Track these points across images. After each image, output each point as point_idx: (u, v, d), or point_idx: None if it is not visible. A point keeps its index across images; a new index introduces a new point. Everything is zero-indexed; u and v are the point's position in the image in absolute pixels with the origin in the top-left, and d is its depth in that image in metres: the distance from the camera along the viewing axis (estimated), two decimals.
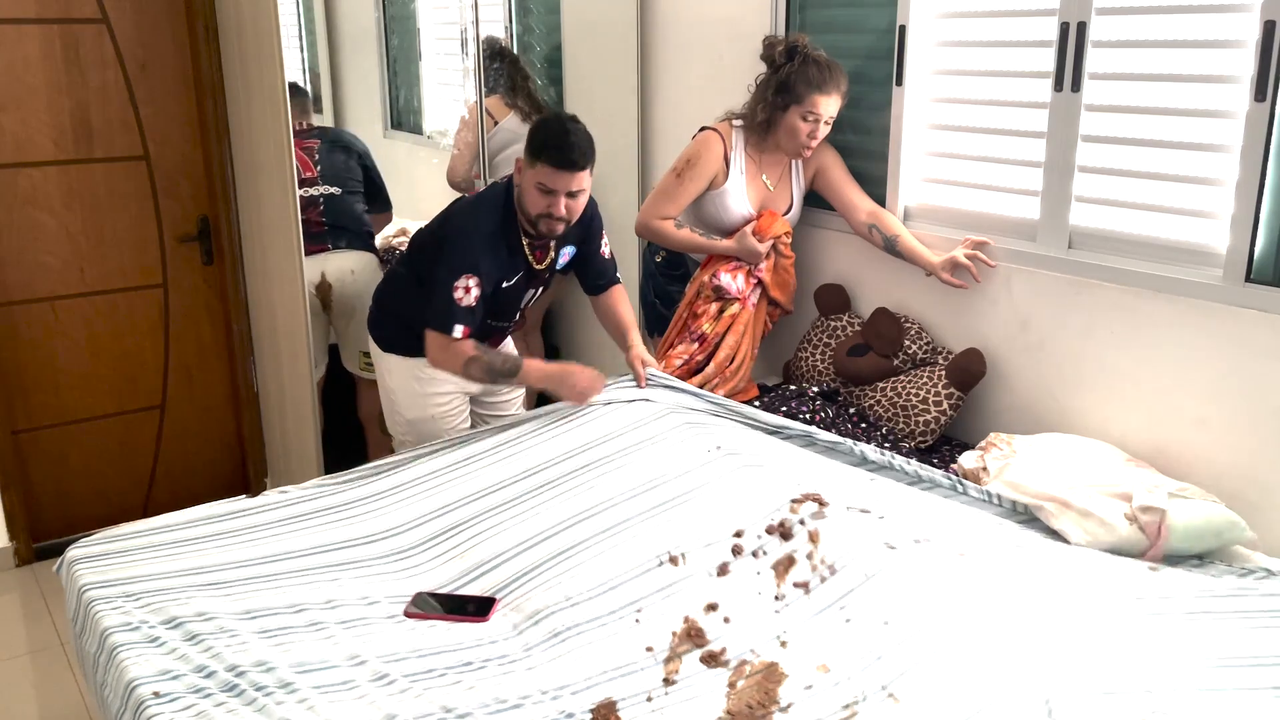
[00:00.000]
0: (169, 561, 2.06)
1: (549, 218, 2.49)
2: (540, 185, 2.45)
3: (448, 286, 2.50)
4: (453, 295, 2.50)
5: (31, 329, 3.25)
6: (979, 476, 2.34)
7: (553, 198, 2.46)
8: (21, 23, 3.06)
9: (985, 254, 2.63)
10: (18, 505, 3.30)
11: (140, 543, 2.14)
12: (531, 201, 2.49)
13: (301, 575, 2.03)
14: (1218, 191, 2.22)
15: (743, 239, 2.87)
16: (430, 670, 1.77)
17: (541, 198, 2.47)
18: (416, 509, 2.25)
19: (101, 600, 1.93)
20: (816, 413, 2.64)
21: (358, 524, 2.22)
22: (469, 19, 3.66)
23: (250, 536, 2.16)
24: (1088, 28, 2.34)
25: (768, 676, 1.73)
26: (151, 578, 2.01)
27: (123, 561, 2.07)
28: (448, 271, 2.51)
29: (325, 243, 3.41)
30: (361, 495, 2.32)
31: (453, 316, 2.50)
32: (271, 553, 2.10)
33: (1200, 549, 2.06)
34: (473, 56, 3.66)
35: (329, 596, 1.95)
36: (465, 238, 2.54)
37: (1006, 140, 2.59)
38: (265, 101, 3.01)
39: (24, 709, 2.68)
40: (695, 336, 2.90)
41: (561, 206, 2.47)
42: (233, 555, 2.09)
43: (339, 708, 1.66)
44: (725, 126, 2.93)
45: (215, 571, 2.03)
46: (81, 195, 3.24)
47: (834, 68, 2.76)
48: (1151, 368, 2.36)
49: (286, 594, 1.96)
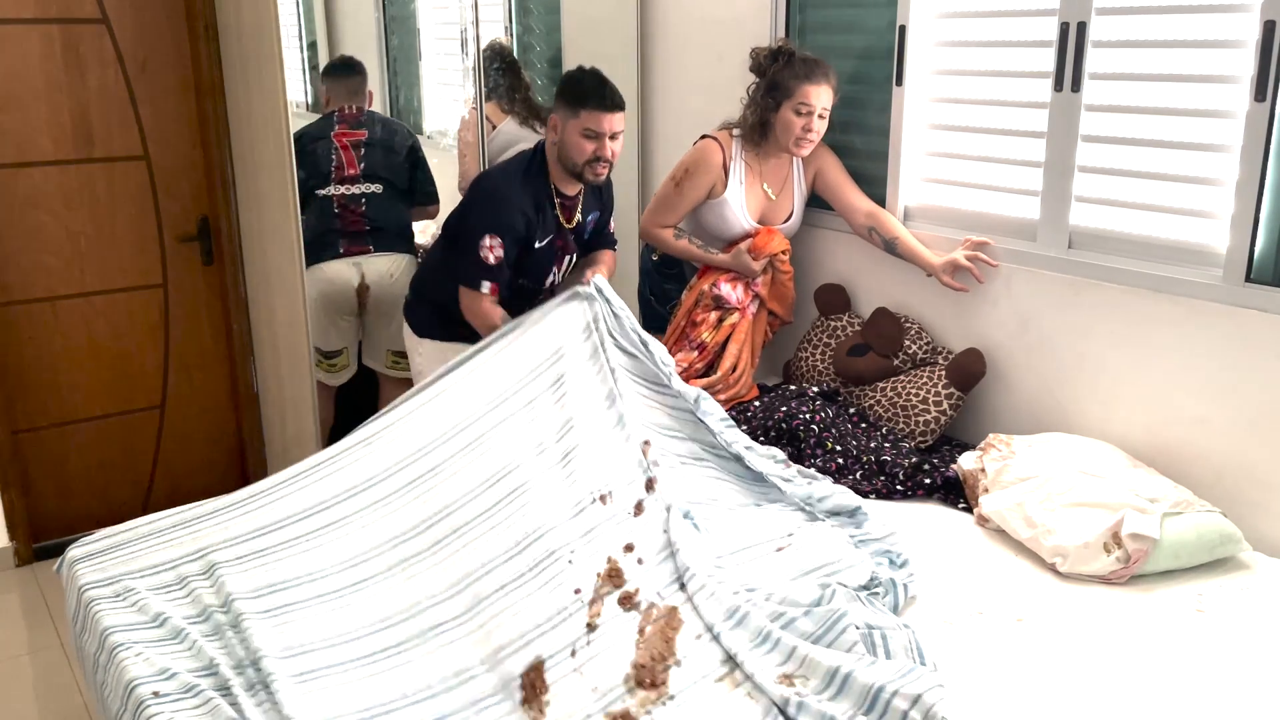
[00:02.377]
0: (167, 550, 2.06)
1: (596, 161, 2.63)
2: (586, 131, 2.59)
3: (475, 245, 2.65)
4: (479, 254, 2.65)
5: (31, 329, 3.25)
6: (977, 479, 2.34)
7: (599, 141, 2.60)
8: (21, 23, 3.06)
9: (986, 254, 2.63)
10: (18, 505, 3.30)
11: (138, 534, 2.13)
12: (578, 150, 2.61)
13: (293, 544, 2.04)
14: (1218, 191, 2.22)
15: (738, 256, 2.88)
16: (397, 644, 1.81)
17: (588, 143, 2.60)
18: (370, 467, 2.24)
19: (101, 600, 1.94)
20: (816, 413, 2.64)
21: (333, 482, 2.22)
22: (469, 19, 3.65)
23: (245, 509, 2.17)
24: (1088, 28, 2.34)
25: (669, 623, 1.81)
26: (150, 571, 2.01)
27: (123, 556, 2.07)
28: (474, 231, 2.66)
29: (366, 244, 3.39)
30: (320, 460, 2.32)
31: (481, 273, 2.66)
32: (268, 522, 2.11)
33: (1189, 564, 2.05)
34: (473, 56, 3.66)
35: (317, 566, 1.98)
36: (491, 199, 2.69)
37: (1006, 140, 2.59)
38: (265, 101, 3.01)
39: (24, 709, 2.68)
40: (694, 345, 2.91)
41: (608, 149, 2.62)
42: (231, 531, 2.09)
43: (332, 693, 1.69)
44: (725, 135, 2.93)
45: (214, 551, 2.03)
46: (81, 195, 3.24)
47: (820, 61, 2.78)
48: (1151, 368, 2.36)
49: (286, 566, 1.97)
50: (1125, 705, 1.64)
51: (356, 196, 3.37)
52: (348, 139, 3.37)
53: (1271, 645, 1.81)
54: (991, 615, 1.91)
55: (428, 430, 2.26)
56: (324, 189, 3.37)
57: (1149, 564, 2.00)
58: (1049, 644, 1.82)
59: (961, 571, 2.08)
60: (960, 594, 1.98)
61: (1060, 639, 1.83)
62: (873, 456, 2.51)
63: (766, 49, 2.85)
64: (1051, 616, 1.91)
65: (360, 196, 3.37)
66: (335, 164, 3.37)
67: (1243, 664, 1.75)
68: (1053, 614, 1.92)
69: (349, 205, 3.36)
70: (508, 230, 2.64)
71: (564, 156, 2.65)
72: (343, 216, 3.37)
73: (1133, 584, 2.01)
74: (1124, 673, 1.73)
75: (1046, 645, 1.82)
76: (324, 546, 2.03)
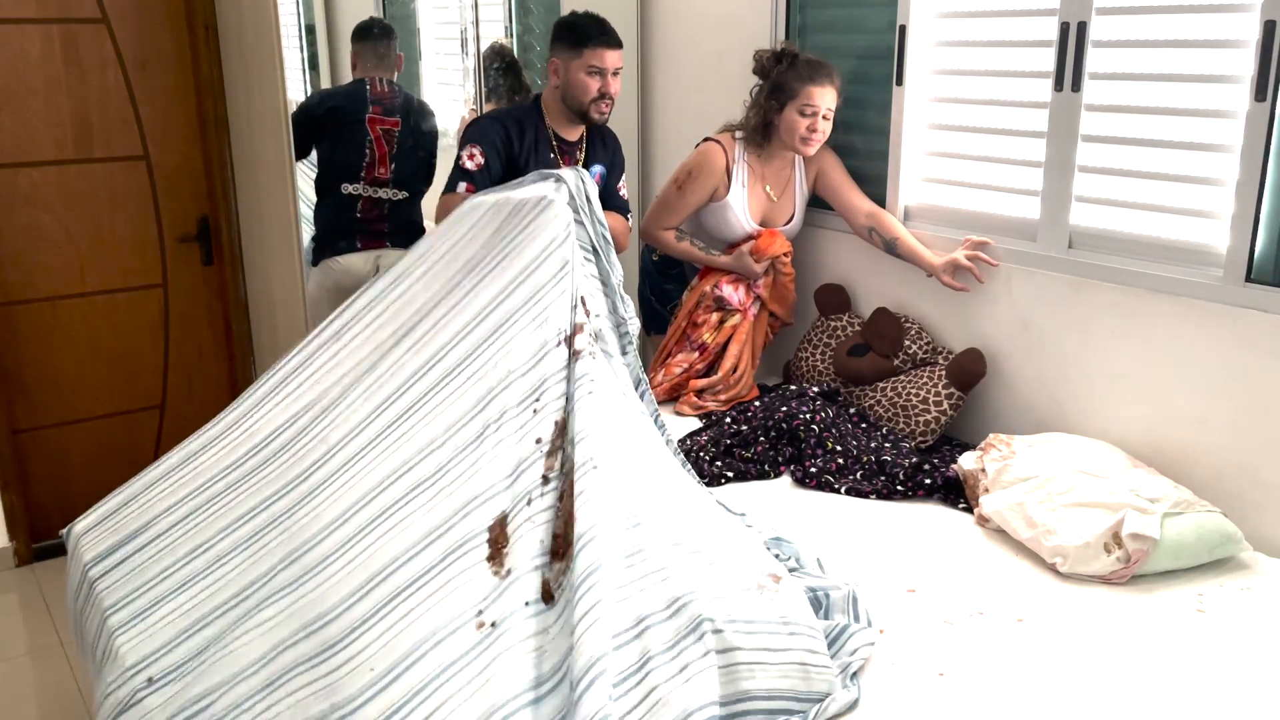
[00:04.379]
0: (168, 497, 2.06)
1: (601, 99, 2.75)
2: (591, 68, 2.71)
3: (457, 159, 2.77)
4: (459, 163, 2.76)
5: (31, 329, 3.25)
6: (977, 479, 2.34)
7: (603, 79, 2.73)
8: (21, 22, 3.06)
9: (986, 253, 2.63)
10: (18, 505, 3.30)
11: (129, 493, 2.14)
12: (583, 88, 2.73)
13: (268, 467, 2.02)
14: (1218, 191, 2.22)
15: (740, 258, 2.89)
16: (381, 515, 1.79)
17: (593, 80, 2.73)
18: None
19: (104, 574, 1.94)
20: (816, 413, 2.64)
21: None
22: (469, 19, 3.65)
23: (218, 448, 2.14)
24: (1088, 28, 2.34)
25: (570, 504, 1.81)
26: (142, 531, 2.00)
27: (117, 522, 2.07)
28: (459, 149, 2.78)
29: (384, 241, 3.39)
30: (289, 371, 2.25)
31: (458, 176, 2.76)
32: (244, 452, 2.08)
33: (1190, 565, 2.05)
34: (473, 56, 3.66)
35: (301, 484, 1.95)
36: (476, 122, 2.83)
37: (1006, 140, 2.59)
38: (265, 101, 3.01)
39: (24, 709, 2.68)
40: (695, 345, 2.92)
41: (611, 85, 2.75)
42: (210, 471, 2.07)
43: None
44: (727, 138, 2.93)
45: (197, 495, 2.02)
46: (81, 195, 3.24)
47: (824, 63, 2.78)
48: (1151, 368, 2.36)
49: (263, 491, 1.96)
50: (1125, 705, 1.64)
51: (382, 201, 3.35)
52: (381, 127, 3.34)
53: (1272, 645, 1.81)
54: (991, 615, 1.91)
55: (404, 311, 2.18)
56: (352, 185, 3.34)
57: (1149, 564, 2.00)
58: (1049, 644, 1.82)
59: (961, 571, 2.08)
60: (960, 594, 1.98)
61: (1060, 639, 1.83)
62: (873, 456, 2.51)
63: (770, 51, 2.84)
64: (1052, 617, 1.91)
65: (386, 202, 3.36)
66: (368, 161, 3.33)
67: (1243, 664, 1.75)
68: (1053, 614, 1.92)
69: (374, 208, 3.34)
70: (484, 139, 2.74)
71: (569, 97, 2.76)
72: (364, 217, 3.36)
73: (1133, 584, 2.01)
74: (1124, 673, 1.73)
75: (1047, 645, 1.81)
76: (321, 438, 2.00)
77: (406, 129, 3.38)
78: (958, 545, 2.20)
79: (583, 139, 2.85)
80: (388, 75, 3.42)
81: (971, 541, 2.21)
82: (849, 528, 2.25)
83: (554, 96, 2.80)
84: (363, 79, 3.39)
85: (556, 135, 2.82)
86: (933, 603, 1.95)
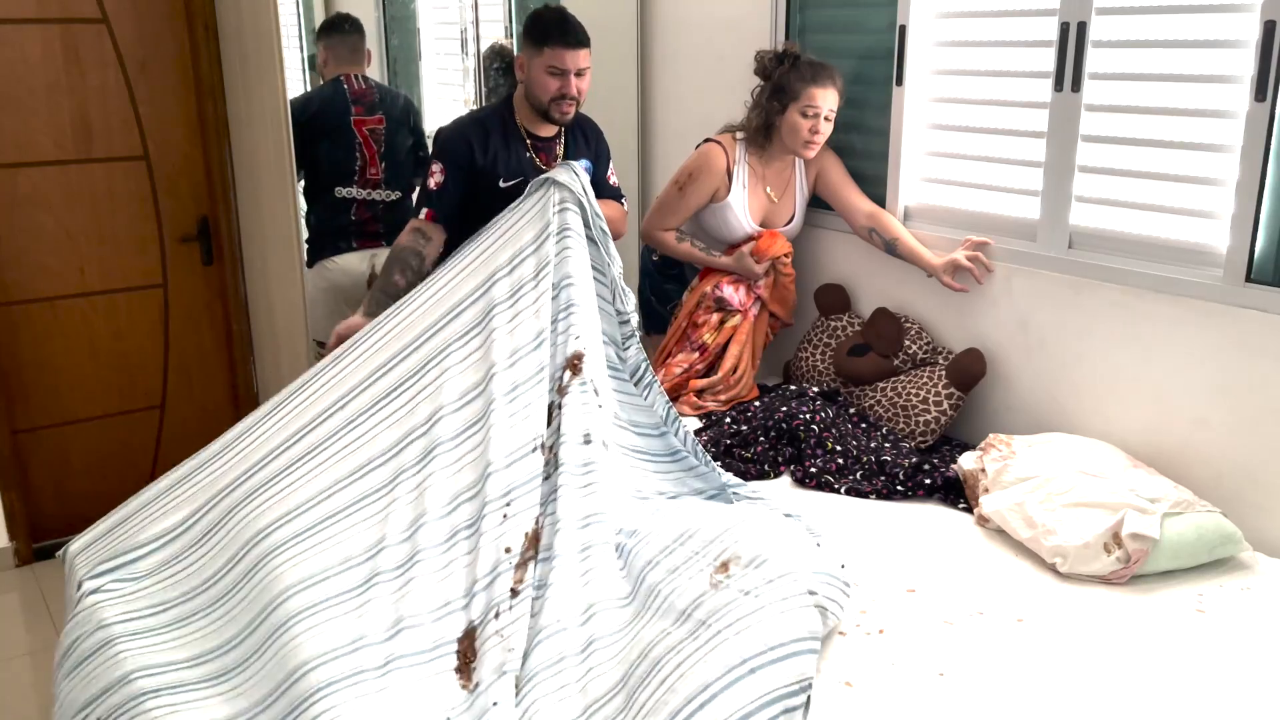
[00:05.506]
0: (166, 519, 2.04)
1: (562, 99, 2.63)
2: (551, 68, 2.59)
3: (424, 178, 2.72)
4: (424, 180, 2.71)
5: (31, 329, 3.25)
6: (977, 479, 2.34)
7: (564, 79, 2.60)
8: (21, 23, 3.06)
9: (985, 255, 2.63)
10: (18, 505, 3.30)
11: (129, 510, 2.13)
12: (543, 88, 2.62)
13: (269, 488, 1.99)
14: (1218, 191, 2.22)
15: (741, 259, 2.89)
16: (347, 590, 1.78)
17: (553, 80, 2.61)
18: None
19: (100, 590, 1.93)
20: (816, 413, 2.64)
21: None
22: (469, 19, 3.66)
23: (222, 464, 2.11)
24: (1088, 28, 2.34)
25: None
26: (140, 548, 1.99)
27: (121, 535, 2.05)
28: (429, 161, 2.72)
29: (379, 240, 3.39)
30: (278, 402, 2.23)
31: (420, 200, 2.71)
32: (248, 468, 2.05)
33: (1189, 565, 2.04)
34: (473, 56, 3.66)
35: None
36: (441, 132, 2.75)
37: (1006, 140, 2.59)
38: (265, 101, 3.01)
39: (24, 709, 2.68)
40: (695, 346, 2.91)
41: (573, 86, 2.62)
42: (208, 493, 2.05)
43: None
44: (728, 139, 2.93)
45: (198, 520, 2.00)
46: (81, 195, 3.24)
47: (826, 64, 2.78)
48: (1151, 368, 2.36)
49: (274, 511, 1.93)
50: (1125, 705, 1.64)
51: (376, 203, 3.35)
52: (367, 128, 3.33)
53: (1272, 646, 1.80)
54: (991, 615, 1.91)
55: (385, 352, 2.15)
56: (345, 189, 3.33)
57: (1149, 564, 2.00)
58: (1049, 644, 1.82)
59: (961, 571, 2.08)
60: (960, 594, 1.98)
61: (1060, 639, 1.83)
62: (873, 456, 2.51)
63: (772, 52, 2.84)
64: (1051, 617, 1.91)
65: (379, 203, 3.36)
66: (360, 164, 3.33)
67: (1243, 664, 1.75)
68: (1053, 614, 1.92)
69: (364, 209, 3.34)
70: (446, 156, 2.67)
71: (530, 95, 2.66)
72: (359, 219, 3.36)
73: (1133, 584, 2.01)
74: (1124, 673, 1.73)
75: (1046, 645, 1.81)
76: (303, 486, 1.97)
77: (391, 125, 3.38)
78: (958, 545, 2.20)
79: (560, 134, 2.77)
80: (359, 71, 3.42)
81: (971, 541, 2.21)
82: (849, 528, 2.25)
83: (521, 93, 2.71)
84: (338, 78, 3.38)
85: (529, 132, 2.72)
86: (933, 603, 1.95)
